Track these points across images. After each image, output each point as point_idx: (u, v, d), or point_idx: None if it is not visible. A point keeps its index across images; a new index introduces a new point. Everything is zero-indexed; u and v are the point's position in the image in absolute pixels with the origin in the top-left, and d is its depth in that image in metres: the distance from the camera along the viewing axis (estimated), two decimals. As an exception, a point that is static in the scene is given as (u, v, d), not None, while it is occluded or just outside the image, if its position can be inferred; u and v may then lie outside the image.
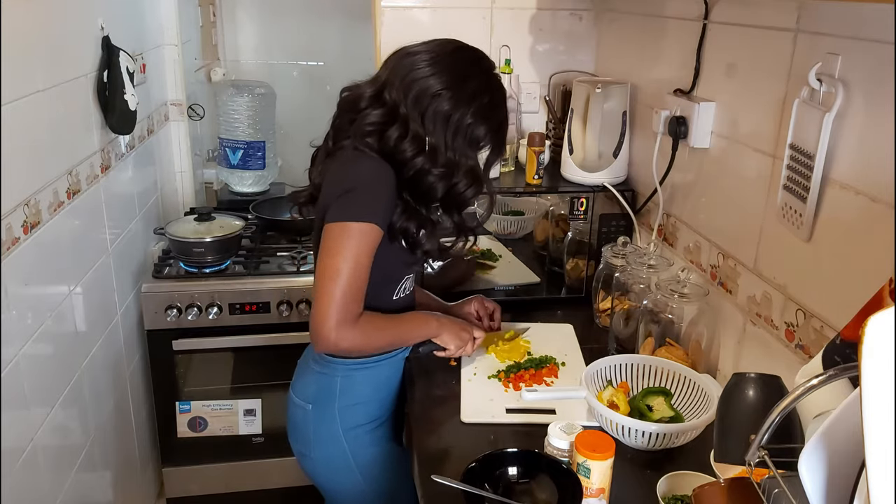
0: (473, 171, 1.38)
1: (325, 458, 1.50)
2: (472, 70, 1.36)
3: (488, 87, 1.37)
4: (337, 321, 1.26)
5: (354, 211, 1.28)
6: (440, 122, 1.32)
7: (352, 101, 1.38)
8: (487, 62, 1.40)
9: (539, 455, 1.21)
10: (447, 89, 1.31)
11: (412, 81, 1.32)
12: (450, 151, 1.34)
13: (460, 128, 1.34)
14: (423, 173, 1.33)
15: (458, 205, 1.41)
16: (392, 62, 1.37)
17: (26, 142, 1.49)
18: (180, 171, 2.73)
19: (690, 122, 1.55)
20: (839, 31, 1.12)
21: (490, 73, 1.40)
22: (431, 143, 1.32)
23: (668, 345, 1.53)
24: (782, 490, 0.76)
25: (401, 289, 1.49)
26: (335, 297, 1.25)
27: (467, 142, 1.36)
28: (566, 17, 2.17)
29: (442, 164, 1.33)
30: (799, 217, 1.20)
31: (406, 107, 1.32)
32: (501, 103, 1.41)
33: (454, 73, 1.33)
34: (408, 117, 1.32)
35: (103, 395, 1.93)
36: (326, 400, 1.46)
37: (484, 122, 1.36)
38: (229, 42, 3.18)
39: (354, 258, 1.27)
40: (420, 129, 1.32)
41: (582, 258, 1.93)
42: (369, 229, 1.28)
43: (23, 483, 1.44)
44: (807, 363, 0.94)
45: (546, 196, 2.01)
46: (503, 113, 1.42)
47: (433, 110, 1.32)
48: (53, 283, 1.64)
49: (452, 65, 1.34)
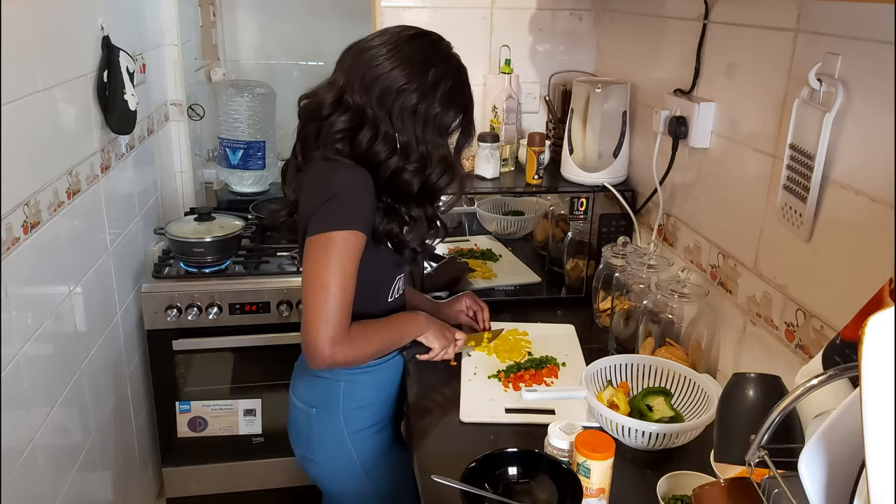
0: (445, 160, 1.35)
1: (330, 462, 1.49)
2: (431, 56, 1.31)
3: (450, 70, 1.33)
4: (330, 338, 1.24)
5: (335, 220, 1.25)
6: (408, 118, 1.29)
7: (313, 110, 1.33)
8: (444, 44, 1.36)
9: (539, 455, 1.21)
10: (410, 82, 1.28)
11: (374, 79, 1.28)
12: (422, 145, 1.31)
13: (429, 118, 1.31)
14: (399, 171, 1.30)
15: (432, 196, 1.38)
16: (348, 61, 1.32)
17: (26, 142, 1.49)
18: (180, 171, 2.73)
19: (690, 122, 1.55)
20: (839, 30, 1.12)
21: (449, 56, 1.36)
22: (403, 140, 1.29)
23: (668, 345, 1.53)
24: (782, 490, 0.76)
25: (394, 290, 1.49)
26: (326, 312, 1.24)
27: (437, 131, 1.33)
28: (566, 17, 2.17)
29: (415, 159, 1.31)
30: (799, 217, 1.20)
31: (372, 108, 1.28)
32: (465, 84, 1.37)
33: (414, 63, 1.29)
34: (376, 118, 1.28)
35: (103, 395, 1.93)
36: (330, 404, 1.45)
37: (451, 107, 1.33)
38: (229, 42, 3.18)
39: (341, 269, 1.25)
40: (390, 129, 1.29)
41: (582, 258, 1.93)
42: (352, 237, 1.26)
43: (23, 483, 1.44)
44: (807, 363, 0.94)
45: (546, 196, 2.01)
46: (468, 93, 1.38)
47: (400, 106, 1.28)
48: (53, 283, 1.64)
49: (411, 54, 1.30)
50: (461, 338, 1.57)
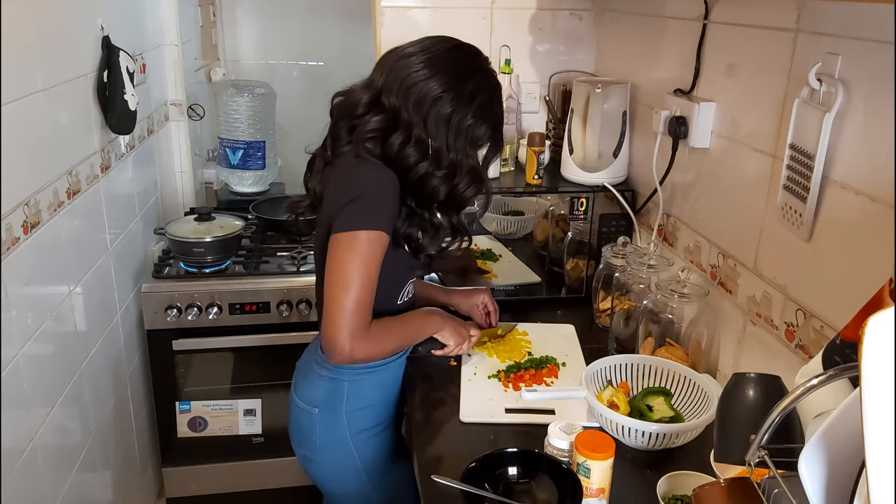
0: (474, 171, 1.37)
1: (332, 462, 1.49)
2: (469, 69, 1.35)
3: (486, 84, 1.36)
4: (351, 333, 1.25)
5: (362, 219, 1.27)
6: (442, 125, 1.31)
7: (348, 107, 1.36)
8: (483, 58, 1.39)
9: (539, 455, 1.21)
10: (447, 91, 1.30)
11: (412, 85, 1.30)
12: (452, 153, 1.33)
13: (461, 129, 1.33)
14: (427, 177, 1.32)
15: (458, 205, 1.40)
16: (387, 65, 1.35)
17: (26, 142, 1.49)
18: (180, 171, 2.73)
19: (690, 122, 1.55)
20: (839, 30, 1.12)
21: (487, 70, 1.39)
22: (435, 147, 1.31)
23: (668, 345, 1.53)
24: (782, 490, 0.76)
25: (405, 293, 1.49)
26: (348, 308, 1.25)
27: (468, 142, 1.35)
28: (566, 17, 2.17)
29: (445, 166, 1.33)
30: (799, 217, 1.20)
31: (408, 112, 1.30)
32: (499, 99, 1.41)
33: (453, 74, 1.32)
34: (410, 122, 1.30)
35: (103, 395, 1.93)
36: (334, 404, 1.45)
37: (484, 121, 1.36)
38: (229, 42, 3.18)
39: (364, 267, 1.26)
40: (423, 134, 1.31)
41: (582, 258, 1.93)
42: (377, 237, 1.27)
43: (23, 483, 1.44)
44: (807, 363, 0.94)
45: (546, 196, 2.01)
46: (500, 109, 1.42)
47: (435, 114, 1.31)
48: (53, 283, 1.64)
49: (450, 65, 1.33)
50: (476, 334, 1.60)
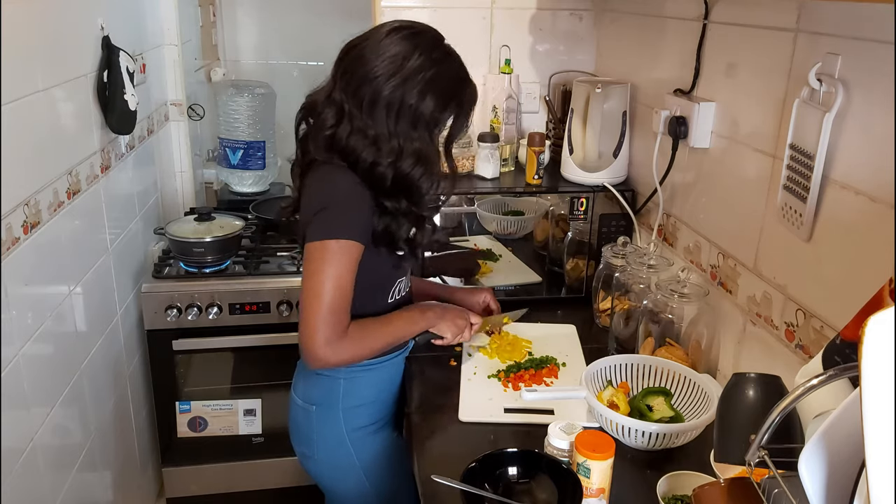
0: (418, 153, 1.31)
1: (328, 460, 1.50)
2: (409, 47, 1.29)
3: (430, 60, 1.30)
4: (326, 338, 1.26)
5: (331, 229, 1.27)
6: (380, 109, 1.28)
7: (311, 108, 1.37)
8: (429, 35, 1.34)
9: (539, 455, 1.21)
10: (383, 73, 1.27)
11: (352, 74, 1.29)
12: (393, 138, 1.29)
13: (402, 110, 1.29)
14: (373, 165, 1.30)
15: (408, 189, 1.34)
16: (338, 59, 1.34)
17: (26, 142, 1.49)
18: (180, 171, 2.73)
19: (690, 122, 1.55)
20: (839, 30, 1.12)
21: (433, 46, 1.32)
22: (372, 134, 1.29)
23: (668, 345, 1.53)
24: (782, 490, 0.76)
25: (394, 291, 1.48)
26: (320, 315, 1.25)
27: (411, 122, 1.31)
28: (566, 17, 2.17)
29: (387, 152, 1.30)
30: (799, 217, 1.20)
31: (349, 102, 1.29)
32: (450, 74, 1.34)
33: (391, 55, 1.28)
34: (351, 113, 1.29)
35: (103, 394, 1.93)
36: (330, 402, 1.46)
37: (431, 98, 1.30)
38: (229, 42, 3.18)
39: (335, 277, 1.26)
40: (361, 122, 1.29)
41: (582, 258, 1.93)
42: (348, 246, 1.27)
43: (23, 483, 1.44)
44: (807, 363, 0.94)
45: (546, 196, 2.01)
46: (455, 84, 1.35)
47: (370, 98, 1.27)
48: (53, 283, 1.64)
49: (389, 46, 1.29)
50: (476, 321, 1.58)
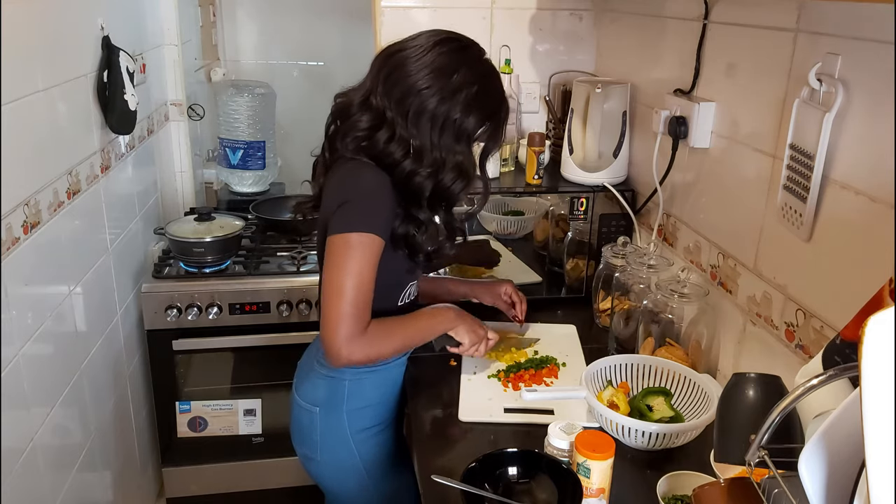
0: (460, 167, 1.33)
1: (332, 462, 1.49)
2: (456, 61, 1.30)
3: (475, 76, 1.32)
4: (346, 336, 1.24)
5: (354, 222, 1.26)
6: (425, 121, 1.29)
7: (343, 109, 1.36)
8: (475, 50, 1.35)
9: (539, 455, 1.21)
10: (430, 86, 1.28)
11: (395, 82, 1.29)
12: (436, 150, 1.30)
13: (447, 123, 1.30)
14: (412, 174, 1.31)
15: (447, 201, 1.37)
16: (378, 63, 1.34)
17: (26, 142, 1.49)
18: (180, 171, 2.73)
19: (690, 122, 1.55)
20: (839, 30, 1.12)
21: (477, 61, 1.34)
22: (416, 144, 1.29)
23: (668, 345, 1.53)
24: (782, 490, 0.76)
25: (405, 294, 1.48)
26: (342, 312, 1.24)
27: (455, 136, 1.32)
28: (566, 17, 2.17)
29: (428, 163, 1.31)
30: (799, 217, 1.20)
31: (391, 110, 1.29)
32: (493, 90, 1.36)
33: (437, 68, 1.29)
34: (394, 121, 1.29)
35: (103, 395, 1.93)
36: (334, 403, 1.45)
37: (474, 114, 1.32)
38: (229, 42, 3.18)
39: (357, 271, 1.25)
40: (404, 132, 1.29)
41: (582, 258, 1.93)
42: (370, 240, 1.26)
43: (23, 483, 1.44)
44: (807, 363, 0.94)
45: (546, 196, 2.01)
46: (496, 100, 1.37)
47: (416, 109, 1.28)
48: (53, 283, 1.64)
49: (436, 58, 1.29)
50: (493, 338, 1.55)
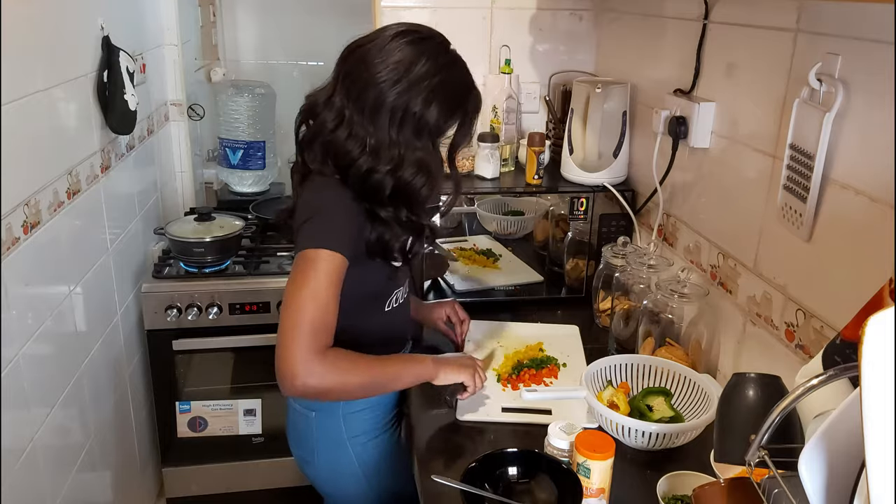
0: (420, 163, 1.27)
1: (329, 465, 1.48)
2: (416, 52, 1.24)
3: (437, 66, 1.25)
4: (301, 357, 1.15)
5: (314, 238, 1.21)
6: (383, 116, 1.23)
7: (311, 109, 1.32)
8: (438, 40, 1.30)
9: (539, 455, 1.21)
10: (388, 79, 1.22)
11: (355, 78, 1.24)
12: (394, 147, 1.25)
13: (406, 117, 1.24)
14: (369, 172, 1.25)
15: (410, 199, 1.29)
16: (340, 60, 1.29)
17: (26, 142, 1.49)
18: (180, 171, 2.73)
19: (690, 122, 1.55)
20: (839, 30, 1.12)
21: (440, 52, 1.28)
22: (373, 141, 1.25)
23: (668, 345, 1.53)
24: (782, 490, 0.76)
25: (392, 300, 1.44)
26: (297, 330, 1.16)
27: (415, 131, 1.27)
28: (566, 17, 2.17)
29: (387, 160, 1.25)
30: (799, 217, 1.20)
31: (349, 107, 1.25)
32: (456, 82, 1.29)
33: (397, 60, 1.23)
34: (352, 118, 1.25)
35: (103, 395, 1.93)
36: (331, 407, 1.43)
37: (436, 106, 1.26)
38: (229, 42, 3.18)
39: (314, 288, 1.18)
40: (361, 129, 1.25)
41: (582, 258, 1.93)
42: (329, 256, 1.20)
43: (23, 483, 1.44)
44: (807, 363, 0.94)
45: (546, 196, 2.01)
46: (461, 92, 1.30)
47: (373, 104, 1.23)
48: (53, 283, 1.64)
49: (393, 51, 1.24)
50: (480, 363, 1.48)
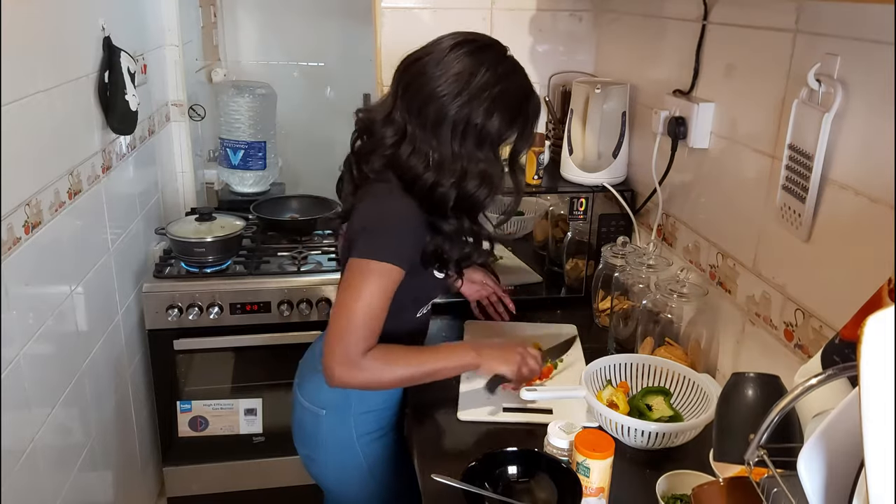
0: (483, 174, 1.28)
1: (336, 463, 1.48)
2: (476, 62, 1.24)
3: (496, 76, 1.25)
4: (340, 359, 1.21)
5: (375, 249, 1.23)
6: (445, 129, 1.24)
7: (367, 125, 1.33)
8: (497, 49, 1.29)
9: (539, 454, 1.21)
10: (449, 92, 1.23)
11: (415, 92, 1.25)
12: (458, 160, 1.25)
13: (468, 129, 1.25)
14: (434, 187, 1.26)
15: (470, 209, 1.32)
16: (397, 74, 1.30)
17: (27, 142, 1.49)
18: (181, 172, 2.73)
19: (690, 123, 1.55)
20: (838, 31, 1.12)
21: (499, 61, 1.28)
22: (436, 156, 1.25)
23: (668, 344, 1.53)
24: (781, 489, 0.77)
25: (427, 306, 1.47)
26: (344, 334, 1.21)
27: (477, 142, 1.27)
28: (566, 18, 2.17)
29: (450, 174, 1.26)
30: (798, 217, 1.21)
31: (411, 122, 1.25)
32: (516, 89, 1.29)
33: (456, 72, 1.23)
34: (415, 133, 1.25)
35: (104, 394, 1.93)
36: (342, 407, 1.43)
37: (498, 116, 1.26)
38: (230, 42, 3.19)
39: (368, 298, 1.21)
40: (424, 144, 1.25)
41: (581, 258, 1.93)
42: (388, 270, 1.22)
43: (23, 483, 1.45)
44: (806, 363, 0.94)
45: (546, 196, 2.01)
46: (520, 99, 1.30)
47: (434, 118, 1.24)
48: (54, 283, 1.64)
49: (454, 62, 1.24)
50: (534, 353, 1.43)
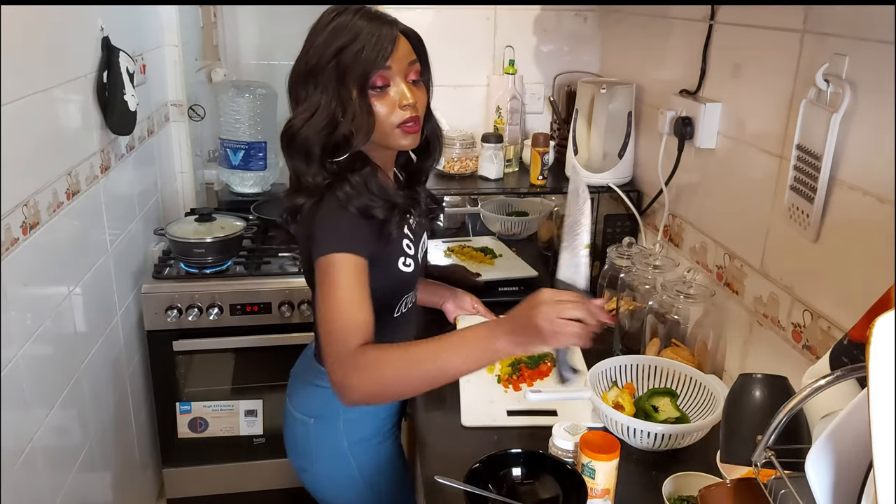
0: (353, 114, 1.24)
1: (328, 473, 1.45)
2: (318, 22, 1.30)
3: (318, 25, 1.30)
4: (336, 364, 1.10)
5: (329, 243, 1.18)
6: (301, 83, 1.28)
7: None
8: (338, 7, 1.31)
9: (543, 456, 1.20)
10: (299, 60, 1.28)
11: (289, 86, 1.32)
12: (326, 106, 1.25)
13: (322, 74, 1.25)
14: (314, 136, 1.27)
15: (337, 149, 1.28)
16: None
17: (26, 142, 1.48)
18: (181, 172, 2.73)
19: (696, 123, 1.54)
20: (846, 31, 1.11)
21: (323, 18, 1.30)
22: (306, 115, 1.27)
23: (674, 345, 1.52)
24: (789, 491, 0.76)
25: (401, 305, 1.40)
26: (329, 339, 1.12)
27: (335, 79, 1.25)
28: (571, 18, 2.17)
29: (323, 119, 1.25)
30: (806, 217, 1.20)
31: (291, 106, 1.32)
32: (321, 27, 1.29)
33: (313, 34, 1.28)
34: (294, 111, 1.30)
35: (103, 395, 1.92)
36: (330, 414, 1.40)
37: (329, 55, 1.25)
38: (230, 42, 3.19)
39: (342, 292, 1.14)
40: (298, 115, 1.28)
41: (586, 259, 1.92)
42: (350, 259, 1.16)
43: (22, 483, 1.44)
44: (814, 364, 0.93)
45: (550, 197, 2.01)
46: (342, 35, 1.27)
47: (292, 83, 1.30)
48: (53, 284, 1.63)
49: (313, 28, 1.30)
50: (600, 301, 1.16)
